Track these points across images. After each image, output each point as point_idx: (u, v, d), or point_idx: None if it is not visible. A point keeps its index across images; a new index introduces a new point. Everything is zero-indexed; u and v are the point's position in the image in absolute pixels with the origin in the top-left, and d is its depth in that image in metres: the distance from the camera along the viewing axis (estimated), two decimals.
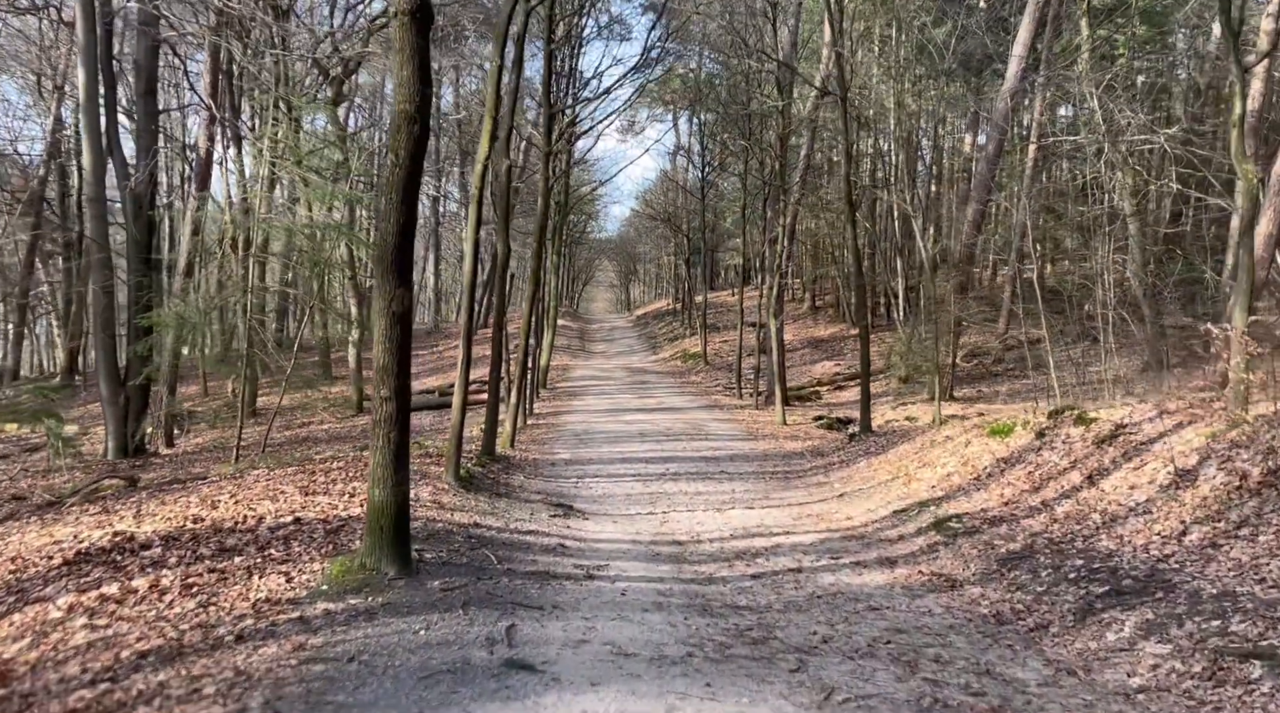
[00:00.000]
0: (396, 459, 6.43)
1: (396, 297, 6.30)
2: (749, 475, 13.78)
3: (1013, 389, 25.37)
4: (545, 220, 15.20)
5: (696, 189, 37.31)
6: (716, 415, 22.48)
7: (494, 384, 12.68)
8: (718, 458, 15.70)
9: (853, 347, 31.91)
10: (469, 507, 9.13)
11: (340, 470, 10.27)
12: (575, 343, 41.90)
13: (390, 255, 6.28)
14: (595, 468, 14.24)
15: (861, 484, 12.21)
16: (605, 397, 25.71)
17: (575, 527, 9.35)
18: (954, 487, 10.53)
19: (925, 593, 7.08)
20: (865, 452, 15.19)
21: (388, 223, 6.28)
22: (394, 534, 6.44)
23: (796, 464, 15.25)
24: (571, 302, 60.44)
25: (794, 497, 11.87)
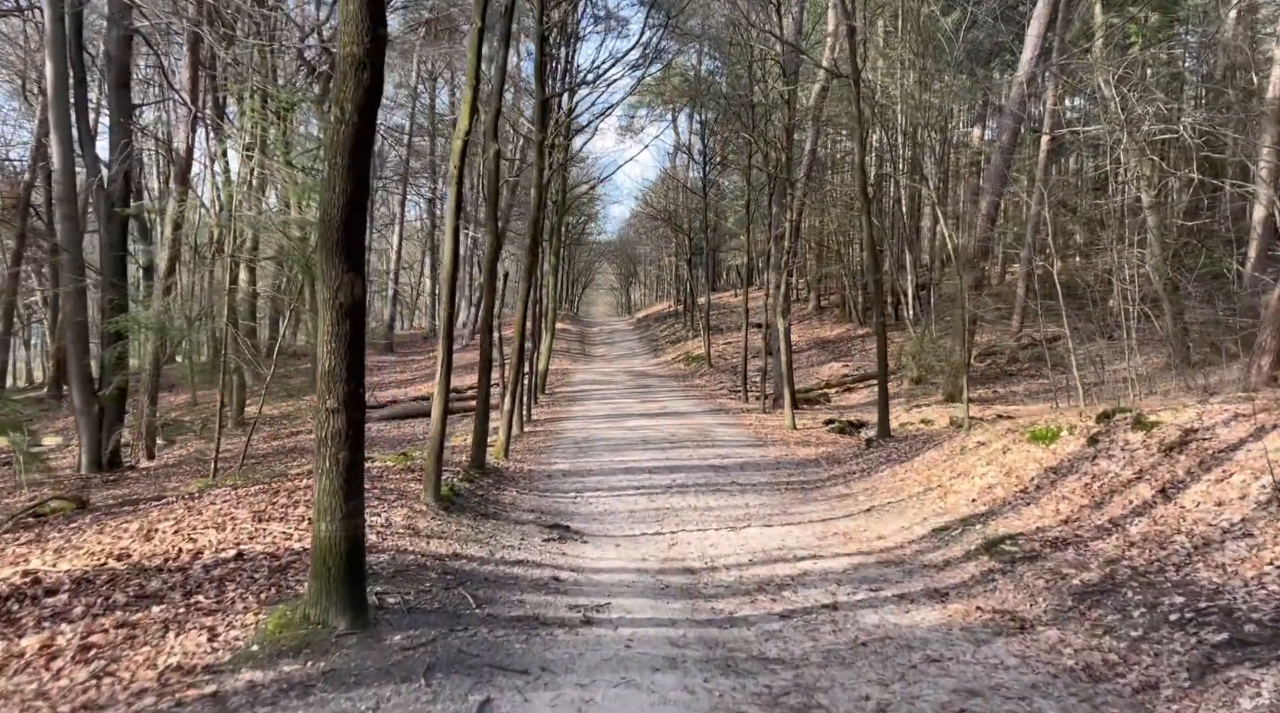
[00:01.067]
0: (347, 485, 5.16)
1: (344, 284, 5.04)
2: (762, 487, 12.50)
3: (1029, 389, 24.08)
4: (540, 214, 13.95)
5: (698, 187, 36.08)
6: (722, 420, 21.21)
7: (483, 391, 11.42)
8: (727, 467, 14.43)
9: (861, 347, 30.66)
10: (449, 533, 7.85)
11: (306, 490, 8.98)
12: (575, 346, 40.62)
13: (336, 233, 5.02)
14: (596, 480, 12.97)
15: (890, 497, 10.93)
16: (606, 402, 24.45)
17: (572, 553, 8.07)
18: (998, 501, 9.25)
19: (991, 637, 5.81)
20: (887, 459, 13.90)
21: (332, 193, 5.02)
22: (345, 578, 5.17)
23: (812, 473, 13.97)
24: (571, 305, 59.16)
25: (815, 512, 10.60)
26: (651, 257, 63.97)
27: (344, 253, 5.04)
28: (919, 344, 25.24)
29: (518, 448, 16.96)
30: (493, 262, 11.35)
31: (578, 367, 33.73)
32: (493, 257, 11.35)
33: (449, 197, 8.43)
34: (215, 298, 17.02)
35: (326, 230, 5.05)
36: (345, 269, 5.05)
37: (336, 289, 5.04)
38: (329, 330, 5.06)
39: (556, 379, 29.38)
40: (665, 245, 51.60)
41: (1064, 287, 25.83)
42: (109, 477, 17.56)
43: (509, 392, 14.24)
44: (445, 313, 8.36)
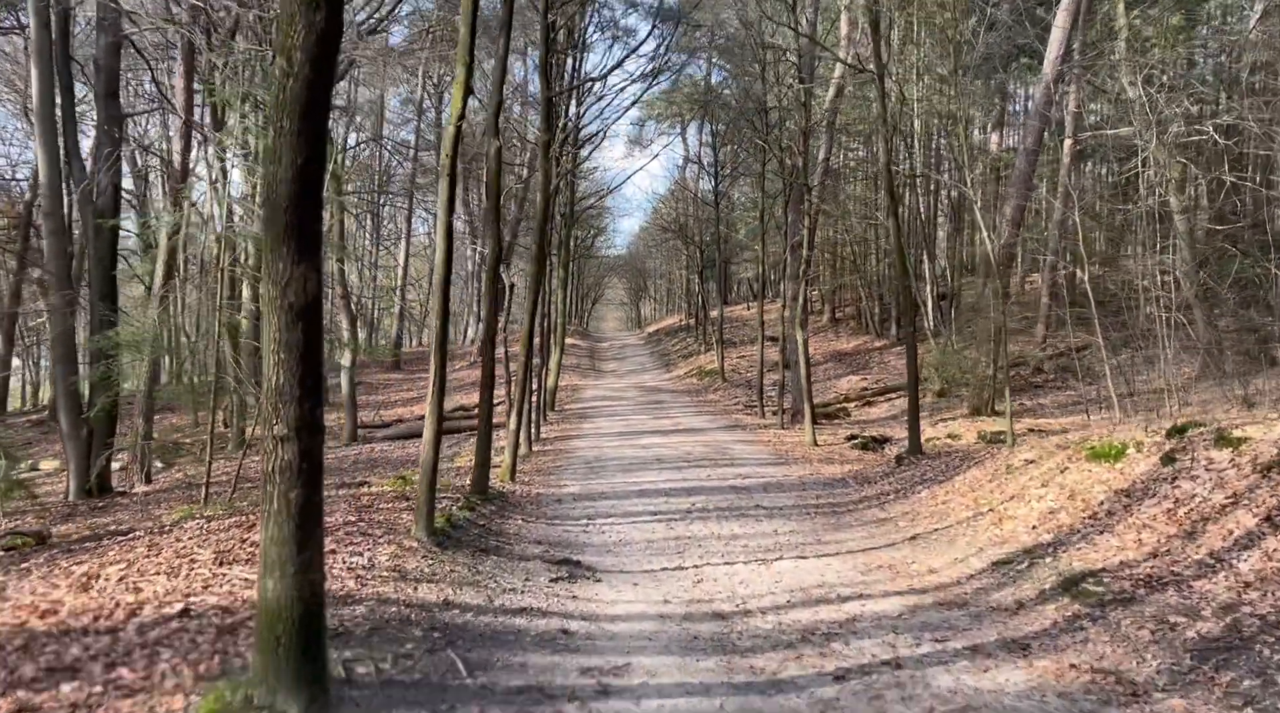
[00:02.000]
0: (301, 532, 4.06)
1: (295, 279, 3.96)
2: (790, 511, 11.37)
3: (1058, 401, 22.86)
4: (546, 221, 12.91)
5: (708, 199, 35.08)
6: (739, 437, 20.08)
7: (485, 410, 10.34)
8: (749, 488, 13.30)
9: (879, 360, 29.51)
10: (441, 575, 6.74)
11: None
12: (585, 362, 39.53)
13: (285, 214, 3.94)
14: (608, 505, 11.85)
15: (934, 522, 9.78)
16: (618, 419, 23.34)
17: (584, 596, 6.95)
18: (1065, 528, 8.10)
19: (1098, 707, 4.67)
20: (922, 479, 12.74)
21: (277, 165, 3.94)
22: (299, 648, 4.07)
23: (842, 494, 12.83)
24: (581, 320, 58.10)
25: (852, 540, 9.45)
26: (662, 271, 62.90)
27: (294, 239, 3.97)
28: (942, 356, 24.10)
29: (525, 469, 15.87)
30: (494, 269, 10.29)
31: (588, 382, 32.64)
32: (494, 263, 10.29)
33: (441, 190, 7.40)
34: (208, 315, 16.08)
35: (272, 212, 3.98)
36: (296, 260, 3.97)
37: (285, 285, 3.96)
38: (276, 337, 3.98)
39: (566, 395, 28.29)
40: (676, 258, 50.57)
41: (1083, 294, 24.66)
42: (97, 504, 16.50)
43: (515, 410, 13.16)
44: (438, 324, 7.27)
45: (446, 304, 7.30)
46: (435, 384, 7.29)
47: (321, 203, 4.10)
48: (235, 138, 17.37)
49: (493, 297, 10.41)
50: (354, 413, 22.58)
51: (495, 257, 10.25)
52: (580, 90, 22.36)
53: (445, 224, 7.16)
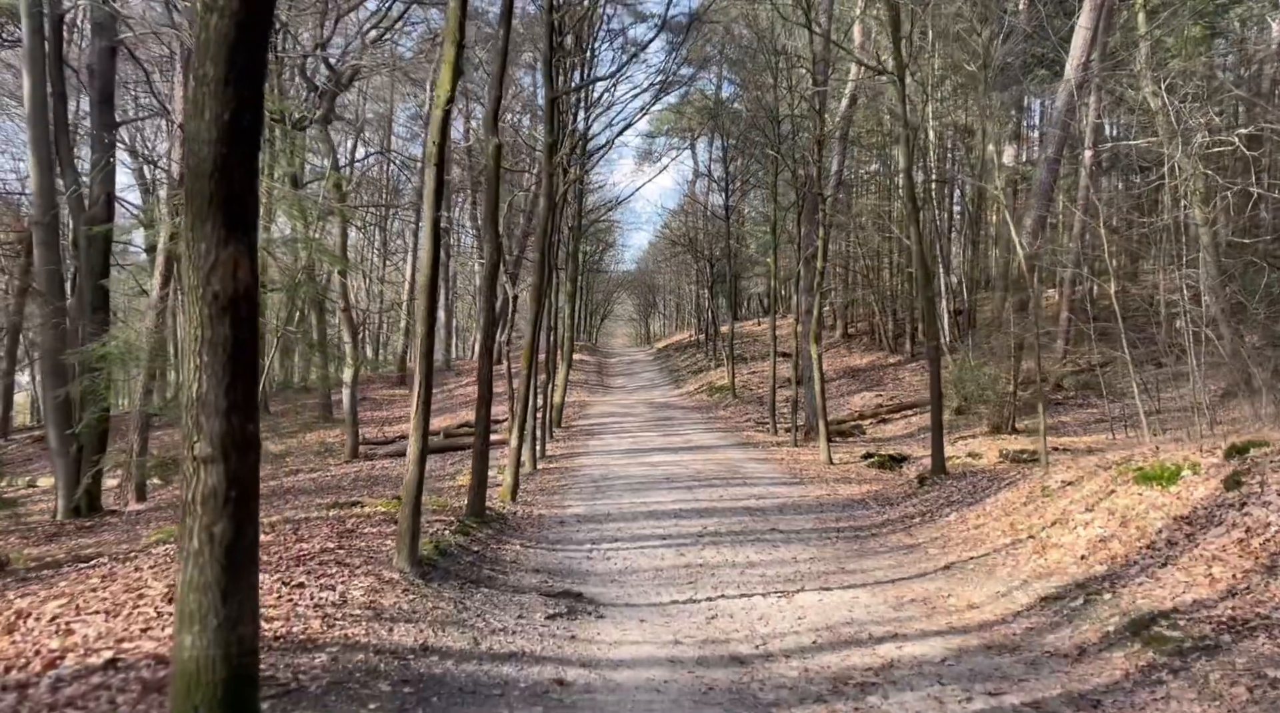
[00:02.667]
0: (228, 576, 3.25)
1: (222, 264, 3.17)
2: (809, 535, 10.52)
3: (1080, 419, 21.97)
4: (550, 227, 12.14)
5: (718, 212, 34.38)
6: (752, 455, 19.23)
7: (481, 427, 9.55)
8: (764, 510, 12.45)
9: (893, 376, 28.64)
10: (422, 612, 5.91)
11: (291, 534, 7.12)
12: (593, 378, 38.71)
13: (209, 181, 3.16)
14: (615, 527, 11.02)
15: (968, 550, 8.92)
16: (626, 436, 22.51)
17: (584, 636, 6.12)
18: (1120, 559, 7.24)
19: None
20: (948, 501, 11.88)
21: (198, 121, 3.16)
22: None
23: (863, 517, 11.97)
24: (590, 336, 57.32)
25: (879, 569, 8.60)
26: (671, 286, 62.12)
27: (220, 214, 3.18)
28: (959, 372, 23.22)
29: (529, 488, 15.05)
30: (492, 277, 9.51)
31: (596, 398, 31.83)
32: (492, 271, 9.51)
33: (426, 181, 6.62)
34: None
35: (193, 180, 3.19)
36: (223, 239, 3.19)
37: (209, 271, 3.17)
38: (198, 335, 3.19)
39: (574, 411, 27.48)
40: (685, 273, 49.79)
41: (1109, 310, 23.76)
42: (84, 523, 15.77)
43: (516, 426, 12.35)
44: (423, 331, 6.47)
45: (433, 310, 6.51)
46: (420, 398, 6.49)
47: (256, 169, 3.31)
48: None
49: (490, 307, 9.63)
50: (355, 429, 21.82)
51: (493, 263, 9.47)
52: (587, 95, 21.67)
53: (432, 220, 6.37)
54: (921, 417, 24.27)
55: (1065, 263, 21.43)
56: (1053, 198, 21.27)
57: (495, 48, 9.38)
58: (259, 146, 3.32)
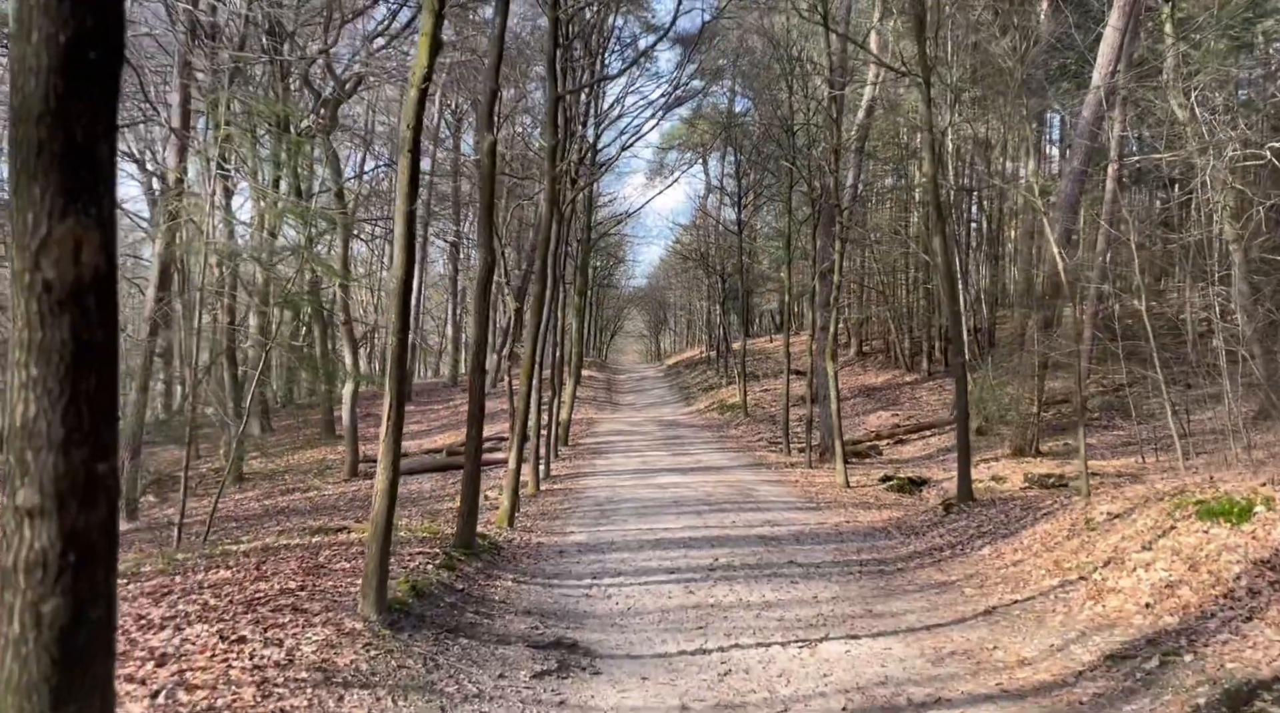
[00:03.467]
0: (63, 670, 2.33)
1: (57, 241, 2.27)
2: (830, 569, 9.55)
3: (1106, 441, 20.90)
4: (552, 238, 11.27)
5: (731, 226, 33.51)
6: (765, 476, 18.26)
7: (472, 449, 8.65)
8: (779, 539, 11.49)
9: (910, 395, 27.64)
10: (383, 674, 4.97)
11: (210, 591, 6.21)
12: (602, 394, 37.79)
13: (38, 125, 2.27)
14: (619, 559, 10.07)
15: (1010, 591, 7.93)
16: (634, 455, 21.57)
17: (575, 700, 5.17)
18: (1192, 610, 6.26)
19: None
20: (979, 531, 10.90)
21: (25, 42, 2.27)
22: None
23: (886, 547, 10.99)
24: (599, 352, 56.43)
25: (911, 612, 7.63)
26: (681, 303, 61.22)
27: (56, 171, 2.27)
28: (980, 391, 22.22)
29: (530, 511, 14.13)
30: (485, 283, 8.61)
31: (604, 416, 30.90)
32: (485, 277, 8.61)
33: (401, 169, 5.72)
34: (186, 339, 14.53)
35: (19, 124, 2.30)
36: (58, 208, 2.28)
37: (38, 250, 2.27)
38: (24, 338, 2.28)
39: (581, 429, 26.56)
40: (696, 288, 48.89)
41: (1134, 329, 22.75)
42: None
43: (514, 447, 11.44)
44: (394, 342, 5.54)
45: (406, 315, 5.60)
46: (390, 418, 5.57)
47: (114, 121, 2.40)
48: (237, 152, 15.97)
49: (484, 317, 8.73)
50: (355, 446, 20.95)
51: (487, 269, 8.57)
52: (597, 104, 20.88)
53: (405, 214, 5.48)
54: (941, 437, 23.27)
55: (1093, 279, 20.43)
56: (1079, 211, 20.30)
57: (491, 35, 8.53)
58: (117, 92, 2.42)
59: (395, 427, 5.63)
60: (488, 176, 8.32)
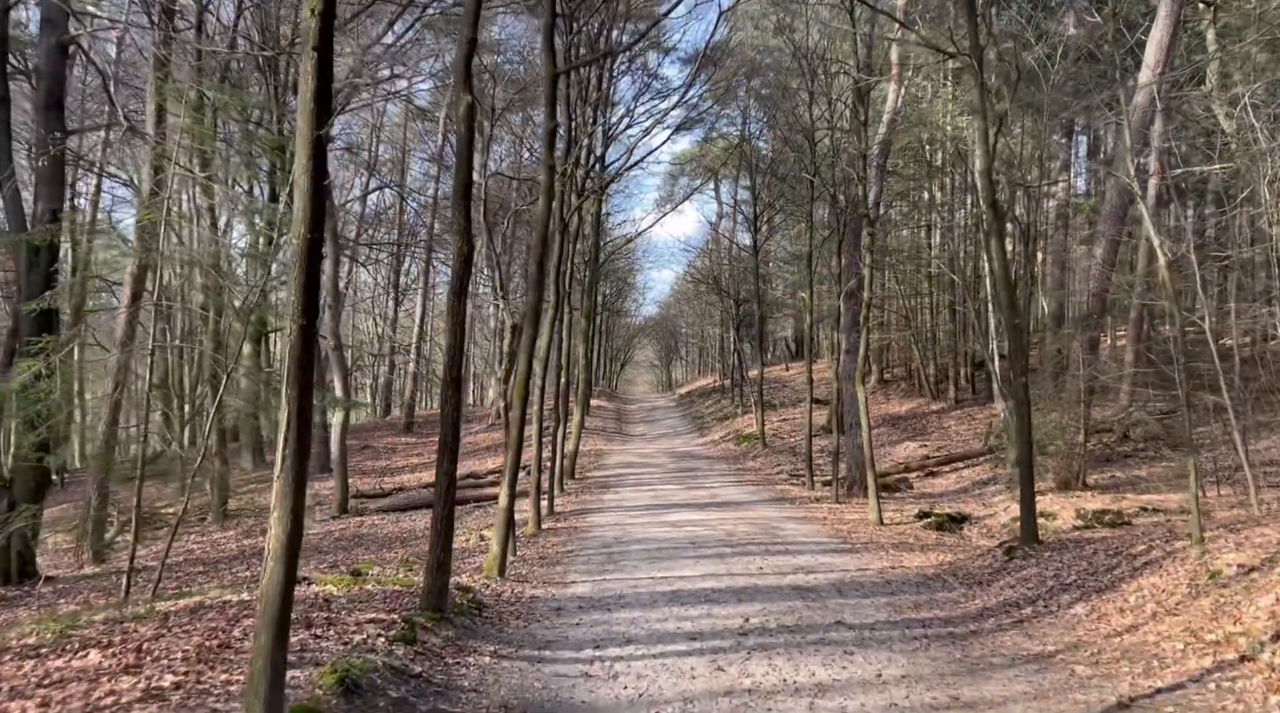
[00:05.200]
0: None
1: None
2: (888, 632, 7.57)
3: (1156, 473, 18.72)
4: (546, 233, 9.44)
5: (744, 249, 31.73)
6: (789, 513, 16.27)
7: (444, 485, 6.78)
8: (818, 589, 9.51)
9: (937, 424, 25.62)
10: None
11: (50, 689, 4.32)
12: (611, 425, 35.81)
13: None
14: (627, 619, 8.11)
15: (1142, 673, 5.93)
16: (645, 489, 19.60)
17: None
18: None
19: None
20: (1060, 583, 8.90)
21: None
22: None
23: (948, 601, 9.00)
24: (609, 382, 54.45)
25: (1012, 700, 5.64)
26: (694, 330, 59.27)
27: None
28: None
29: (528, 554, 12.19)
30: (461, 277, 6.72)
31: (613, 447, 28.92)
32: (461, 269, 6.73)
33: (304, 72, 3.85)
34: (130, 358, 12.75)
35: None
36: None
37: None
38: None
39: (589, 461, 24.61)
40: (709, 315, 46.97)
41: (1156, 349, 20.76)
42: (8, 593, 13.08)
43: (506, 483, 9.53)
44: (295, 332, 3.65)
45: (313, 291, 3.73)
46: (290, 443, 3.68)
47: None
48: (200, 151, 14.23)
49: (459, 318, 6.87)
50: (344, 480, 19.05)
51: (462, 260, 6.70)
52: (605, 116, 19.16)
53: (311, 141, 3.60)
54: (974, 470, 21.23)
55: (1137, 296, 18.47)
56: (1126, 221, 18.42)
57: None
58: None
59: (297, 456, 3.77)
60: (465, 144, 6.53)
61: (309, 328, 3.75)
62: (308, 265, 3.74)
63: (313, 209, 3.74)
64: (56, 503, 21.63)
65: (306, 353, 3.77)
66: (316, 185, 3.75)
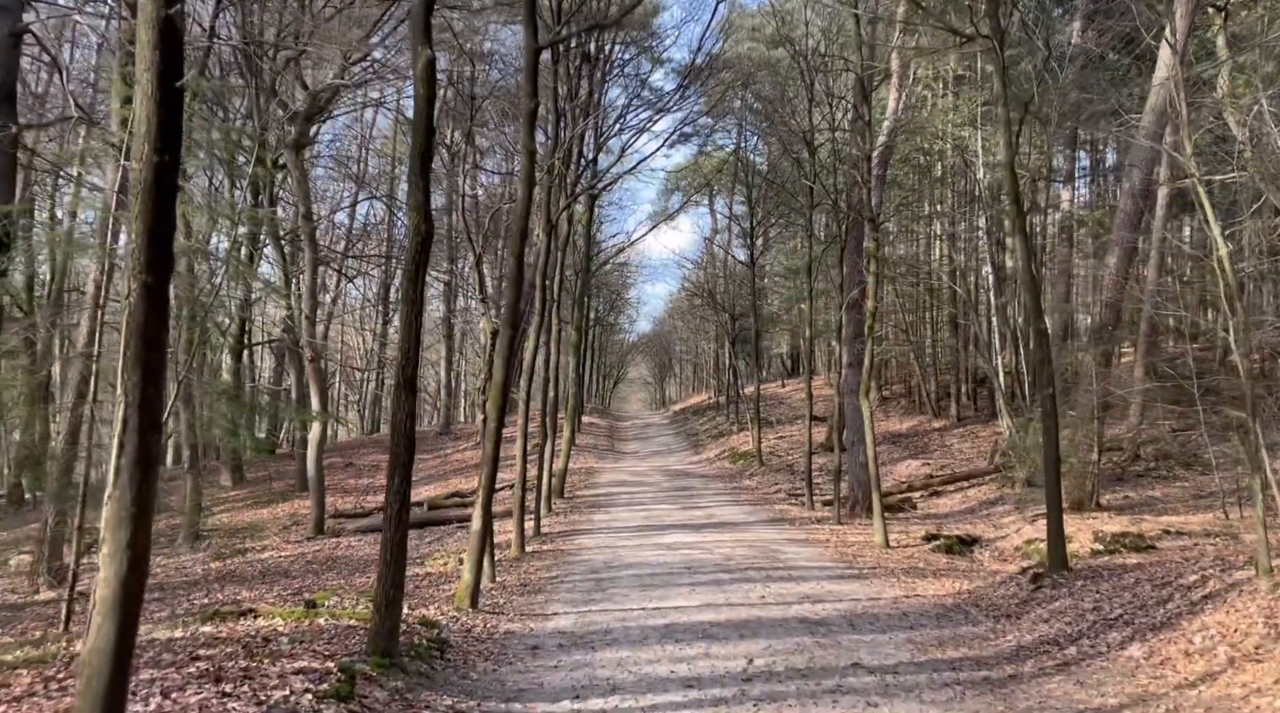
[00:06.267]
0: None
1: None
2: (914, 676, 6.45)
3: (1171, 494, 17.61)
4: (526, 224, 8.37)
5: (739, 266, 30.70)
6: (789, 534, 15.14)
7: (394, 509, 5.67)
8: (828, 623, 8.38)
9: (939, 443, 24.54)
10: None
11: None
12: (603, 442, 34.63)
13: None
14: (614, 661, 6.97)
15: None
16: (637, 508, 18.45)
17: None
18: None
19: None
20: (1104, 619, 7.79)
21: None
22: None
23: (974, 638, 7.87)
24: (602, 399, 53.23)
25: None
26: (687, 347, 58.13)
27: None
28: (1031, 436, 19.14)
29: (508, 581, 11.03)
30: (417, 259, 5.63)
31: (605, 465, 27.74)
32: (417, 251, 5.62)
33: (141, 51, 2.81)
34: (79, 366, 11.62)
35: None
36: None
37: None
38: None
39: (579, 480, 23.43)
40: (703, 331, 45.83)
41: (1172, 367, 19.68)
42: None
43: (480, 503, 8.39)
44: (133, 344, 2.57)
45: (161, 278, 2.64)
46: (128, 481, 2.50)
47: None
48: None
49: (416, 305, 5.75)
50: (321, 499, 17.86)
51: (420, 240, 5.57)
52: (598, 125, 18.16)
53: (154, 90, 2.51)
54: (980, 489, 20.12)
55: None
56: (1140, 229, 17.42)
57: None
58: None
59: (139, 469, 2.62)
60: (424, 104, 5.48)
61: (156, 288, 2.66)
62: (155, 200, 2.66)
63: (161, 117, 2.65)
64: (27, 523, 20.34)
65: (154, 322, 2.68)
66: (166, 81, 2.65)
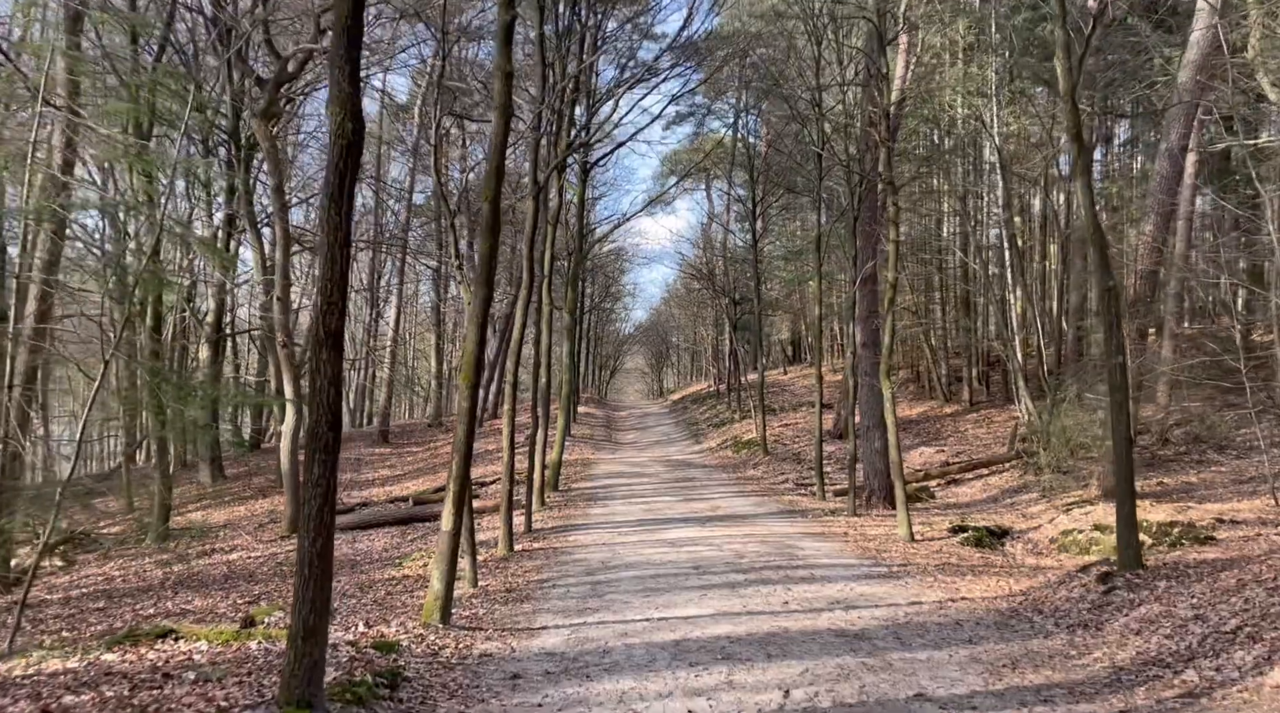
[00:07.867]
0: None
1: None
2: (997, 712, 4.93)
3: (1207, 479, 16.06)
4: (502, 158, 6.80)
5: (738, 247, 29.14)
6: (803, 527, 13.59)
7: (314, 515, 4.13)
8: (869, 635, 6.86)
9: (953, 429, 23.04)
10: None
11: None
12: (600, 432, 33.05)
13: None
14: (613, 694, 5.41)
15: None
16: (637, 501, 16.89)
17: None
18: None
19: None
20: (1214, 630, 6.27)
21: None
22: None
23: (1050, 654, 6.35)
24: (599, 389, 51.61)
25: None
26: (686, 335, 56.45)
27: None
28: (1051, 420, 17.62)
29: (491, 585, 9.48)
30: (340, 167, 4.00)
31: (602, 456, 26.19)
32: (341, 162, 4.03)
33: None
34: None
35: None
36: None
37: None
38: None
39: (575, 471, 21.88)
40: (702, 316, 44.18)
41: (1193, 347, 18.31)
42: None
43: (450, 500, 6.84)
44: None
45: None
46: None
47: None
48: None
49: (338, 242, 4.16)
50: (296, 495, 16.24)
51: (343, 149, 3.97)
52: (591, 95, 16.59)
53: None
54: (1001, 477, 18.62)
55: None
56: (1178, 193, 15.89)
57: None
58: None
59: None
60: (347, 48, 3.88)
61: None
62: None
63: None
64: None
65: None
66: None
